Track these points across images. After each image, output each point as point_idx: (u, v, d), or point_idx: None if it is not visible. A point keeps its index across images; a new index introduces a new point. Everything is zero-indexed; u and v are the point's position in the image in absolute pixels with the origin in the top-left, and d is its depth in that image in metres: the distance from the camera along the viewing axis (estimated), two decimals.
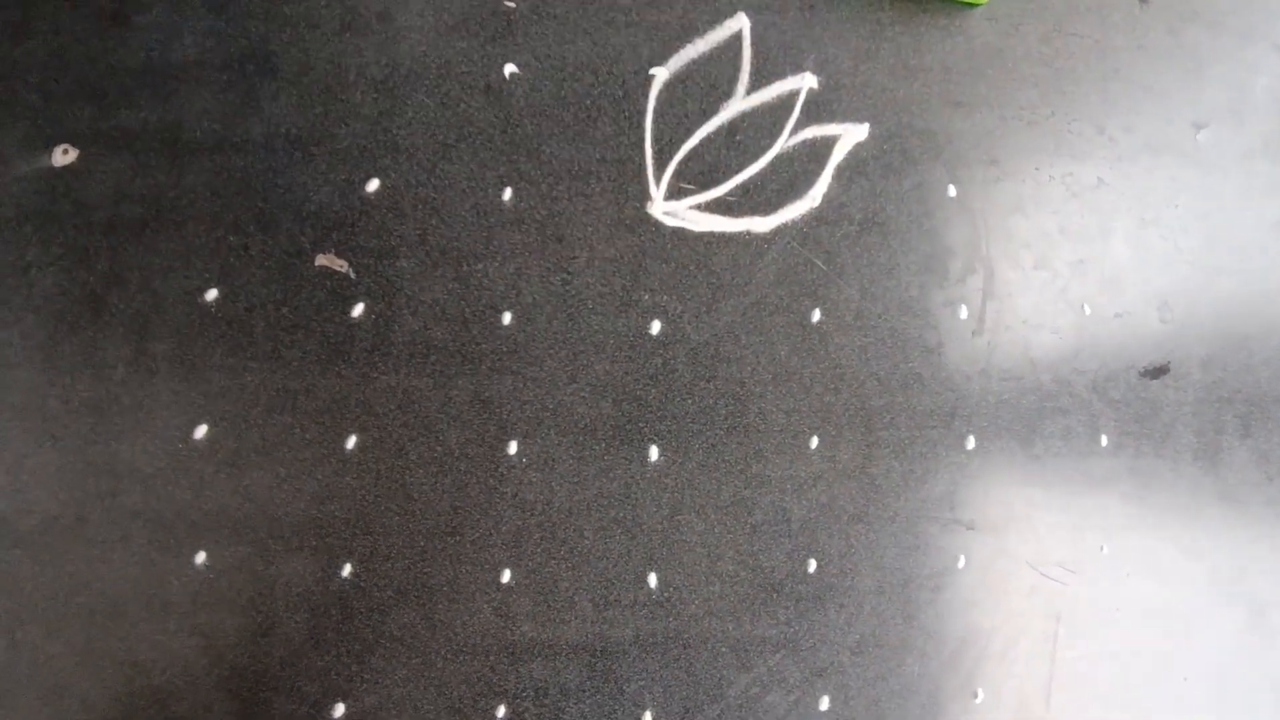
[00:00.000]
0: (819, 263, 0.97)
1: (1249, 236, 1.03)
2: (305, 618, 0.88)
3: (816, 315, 0.97)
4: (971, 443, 0.97)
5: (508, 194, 0.93)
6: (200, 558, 0.87)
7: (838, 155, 0.98)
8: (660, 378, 0.94)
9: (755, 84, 0.97)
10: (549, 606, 0.91)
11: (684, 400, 0.94)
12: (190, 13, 0.89)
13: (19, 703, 0.84)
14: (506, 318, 0.93)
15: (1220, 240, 1.03)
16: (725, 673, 0.92)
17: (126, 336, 0.88)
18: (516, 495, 0.91)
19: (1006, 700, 0.96)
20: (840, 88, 0.98)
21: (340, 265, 0.91)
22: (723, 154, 0.96)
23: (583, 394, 0.93)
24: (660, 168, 0.95)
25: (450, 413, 0.91)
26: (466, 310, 0.92)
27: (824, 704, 0.93)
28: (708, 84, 0.96)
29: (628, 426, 0.93)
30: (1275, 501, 1.00)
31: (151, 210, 0.89)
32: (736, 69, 0.97)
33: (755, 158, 0.95)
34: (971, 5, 1.00)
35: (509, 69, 0.92)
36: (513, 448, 0.92)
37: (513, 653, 0.90)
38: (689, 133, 0.96)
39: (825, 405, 0.95)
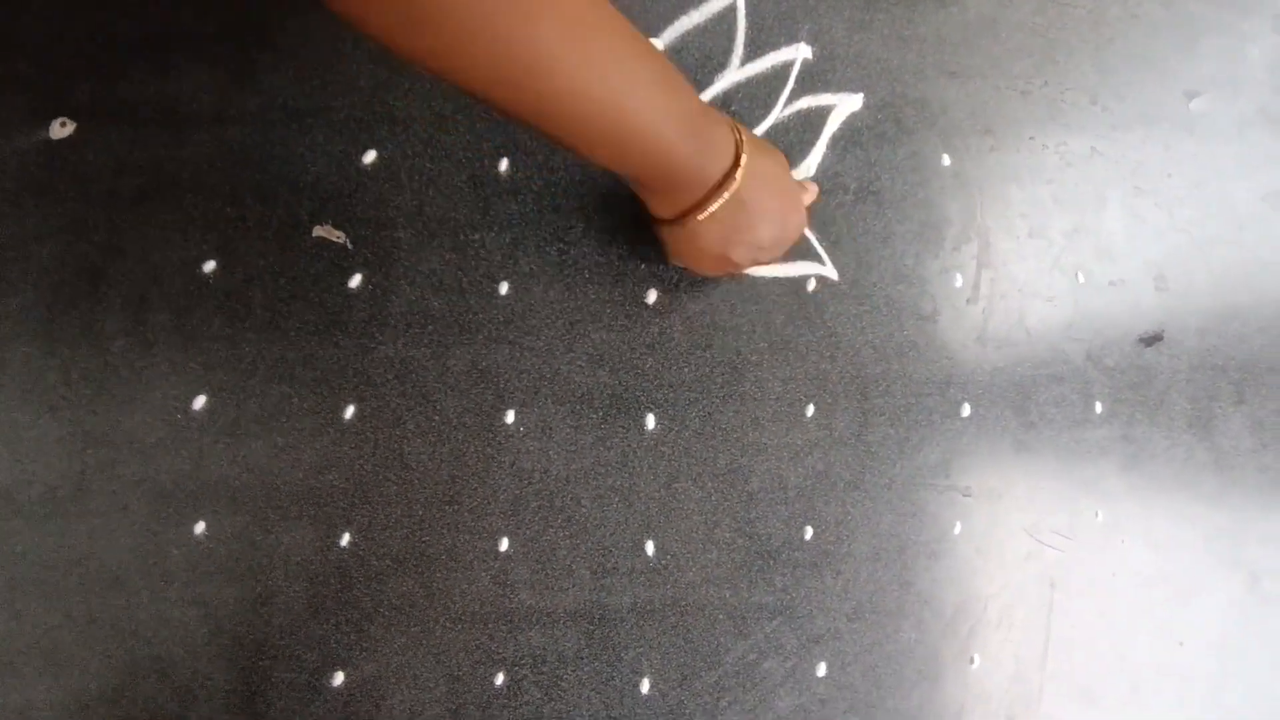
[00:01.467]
0: (813, 234, 0.97)
1: (1243, 206, 1.03)
2: (304, 587, 0.88)
3: (812, 284, 0.97)
4: (967, 410, 0.97)
5: (504, 165, 0.94)
6: (199, 528, 0.88)
7: (832, 125, 0.98)
8: (657, 346, 0.94)
9: (750, 55, 0.97)
10: (547, 574, 0.91)
11: (681, 369, 0.94)
12: None
13: (20, 671, 0.85)
14: (504, 288, 0.93)
15: (1215, 210, 1.03)
16: (722, 640, 0.92)
17: (125, 308, 0.88)
18: (514, 464, 0.91)
19: (1003, 665, 0.96)
20: (834, 58, 0.98)
21: (337, 236, 0.91)
22: None
23: (580, 363, 0.93)
24: None
25: (448, 382, 0.91)
26: (464, 280, 0.92)
27: (821, 670, 0.93)
28: (702, 55, 0.96)
29: (625, 395, 0.93)
30: (1268, 469, 1.00)
31: (150, 182, 0.89)
32: (731, 40, 0.97)
33: (751, 128, 0.96)
34: None
35: None
36: (510, 417, 0.92)
37: (511, 621, 0.90)
38: None
39: (821, 373, 0.96)
